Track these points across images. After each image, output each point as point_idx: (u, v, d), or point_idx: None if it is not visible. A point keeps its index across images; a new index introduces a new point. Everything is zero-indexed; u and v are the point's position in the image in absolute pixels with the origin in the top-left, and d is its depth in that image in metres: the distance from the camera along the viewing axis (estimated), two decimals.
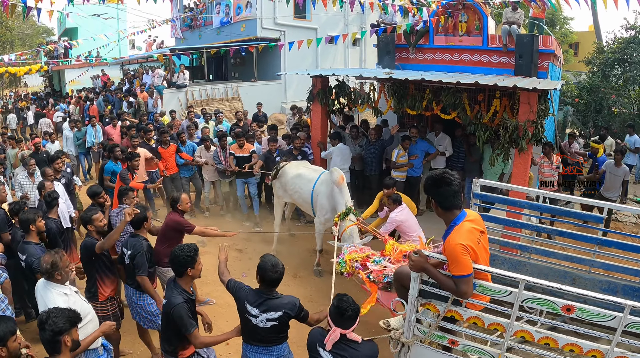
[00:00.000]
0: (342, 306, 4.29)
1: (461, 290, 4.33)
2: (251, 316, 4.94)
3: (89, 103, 23.39)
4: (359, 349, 4.32)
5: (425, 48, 13.02)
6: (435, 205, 4.64)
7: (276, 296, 4.99)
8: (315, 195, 9.54)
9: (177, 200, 7.70)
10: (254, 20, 23.82)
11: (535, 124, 9.14)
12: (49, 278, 5.13)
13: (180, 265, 5.03)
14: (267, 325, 4.91)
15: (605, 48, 23.60)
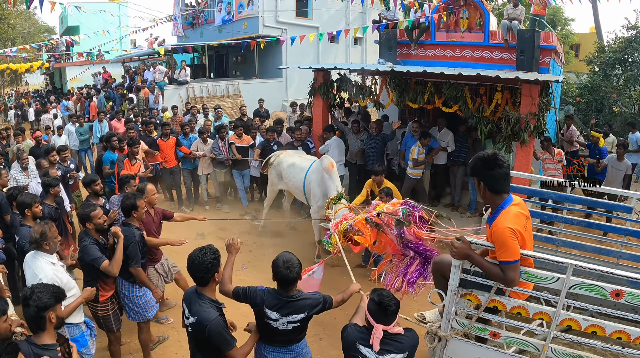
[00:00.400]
0: (384, 302, 4.04)
1: (509, 277, 4.10)
2: (271, 320, 4.50)
3: (89, 100, 23.44)
4: (403, 341, 4.12)
5: (426, 44, 13.06)
6: (483, 188, 4.35)
7: (297, 297, 4.52)
8: (308, 184, 9.66)
9: (142, 191, 7.15)
10: (256, 18, 23.84)
11: (537, 116, 9.13)
12: (38, 248, 5.16)
13: (205, 272, 4.42)
14: (288, 328, 4.51)
15: (606, 48, 23.63)
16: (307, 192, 9.75)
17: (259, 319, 4.67)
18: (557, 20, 31.29)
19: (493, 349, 4.68)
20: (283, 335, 4.58)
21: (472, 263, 4.36)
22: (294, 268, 4.47)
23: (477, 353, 4.67)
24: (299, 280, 4.59)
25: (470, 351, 4.71)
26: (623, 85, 22.13)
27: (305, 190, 9.77)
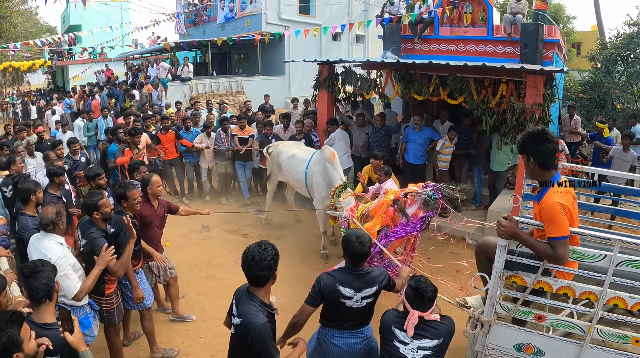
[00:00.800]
0: (421, 287, 4.05)
1: (559, 253, 4.00)
2: (345, 298, 4.42)
3: (91, 98, 23.47)
4: (438, 327, 4.09)
5: (430, 39, 13.10)
6: (533, 163, 4.24)
7: (368, 271, 4.52)
8: (310, 176, 9.59)
9: (147, 182, 6.91)
10: (259, 15, 23.92)
11: (542, 106, 9.17)
12: (53, 229, 5.09)
13: (266, 269, 3.94)
14: (362, 305, 4.46)
15: (608, 44, 23.61)
16: (309, 184, 9.68)
17: (330, 303, 4.52)
18: (559, 18, 31.22)
19: (537, 333, 4.57)
20: (356, 316, 4.54)
21: (520, 243, 4.28)
22: (366, 243, 4.41)
23: (520, 339, 4.59)
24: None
25: (513, 336, 4.62)
26: (625, 82, 22.10)
27: (308, 182, 9.70)
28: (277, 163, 10.58)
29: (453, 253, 9.73)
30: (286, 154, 10.37)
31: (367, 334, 4.73)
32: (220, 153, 12.70)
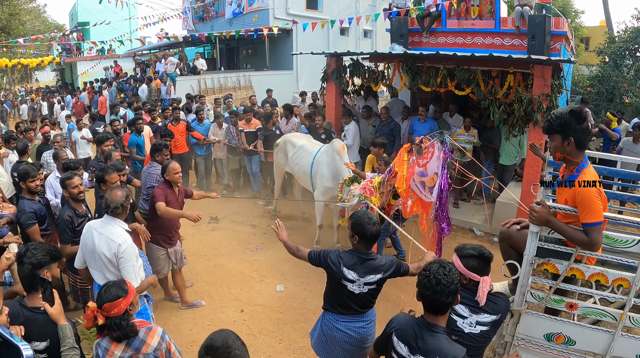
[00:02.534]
0: (484, 252, 3.87)
1: (594, 239, 3.81)
2: (348, 281, 4.39)
3: (98, 94, 23.58)
4: (498, 302, 3.94)
5: (437, 32, 13.08)
6: (572, 143, 3.98)
7: (374, 256, 4.45)
8: (316, 166, 9.48)
9: (164, 168, 7.11)
10: (266, 10, 23.99)
11: (549, 97, 9.18)
12: (121, 214, 5.02)
13: (451, 295, 3.36)
14: (364, 290, 4.42)
15: (617, 38, 23.57)
16: (314, 174, 9.57)
17: (334, 284, 4.53)
18: (567, 13, 31.10)
19: (569, 322, 4.42)
20: (358, 301, 4.49)
21: (552, 229, 4.09)
22: (377, 224, 4.41)
23: (550, 328, 4.43)
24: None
25: (544, 326, 4.45)
26: (634, 76, 22.07)
27: (312, 172, 9.59)
28: (284, 152, 10.48)
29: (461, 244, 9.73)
30: (294, 144, 10.28)
31: (372, 318, 4.70)
32: (232, 147, 12.68)
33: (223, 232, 10.55)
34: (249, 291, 8.12)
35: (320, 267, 4.60)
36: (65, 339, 3.73)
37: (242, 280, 8.47)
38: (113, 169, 6.53)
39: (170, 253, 7.21)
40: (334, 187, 8.94)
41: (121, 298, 3.59)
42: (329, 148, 9.34)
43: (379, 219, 4.47)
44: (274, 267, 8.83)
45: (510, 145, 11.12)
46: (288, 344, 6.73)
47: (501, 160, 11.38)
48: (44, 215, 6.53)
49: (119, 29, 28.37)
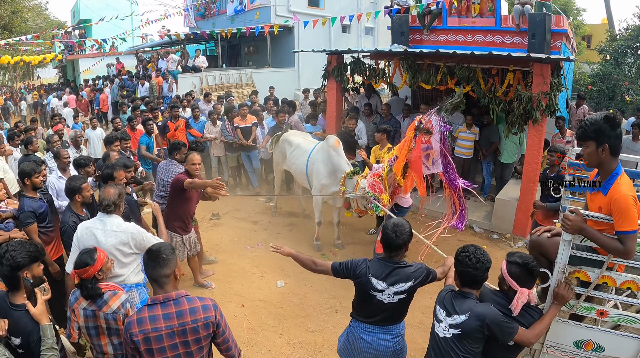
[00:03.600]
0: (529, 263, 3.85)
1: (628, 247, 3.73)
2: (377, 291, 4.29)
3: (99, 92, 23.63)
4: (535, 316, 3.95)
5: (438, 29, 13.12)
6: (607, 150, 3.86)
7: (404, 264, 4.36)
8: (311, 164, 9.38)
9: (185, 158, 7.42)
10: (268, 7, 24.01)
11: (548, 95, 9.22)
12: (114, 211, 5.10)
13: (486, 271, 3.92)
14: (394, 300, 4.31)
15: (618, 36, 23.57)
16: (309, 172, 9.47)
17: (362, 293, 4.42)
18: (569, 10, 31.06)
19: (599, 329, 4.34)
20: (387, 311, 4.37)
21: (585, 237, 4.00)
22: (401, 234, 4.27)
23: (580, 335, 4.35)
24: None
25: (574, 333, 4.37)
26: (635, 74, 22.09)
27: (308, 170, 9.48)
28: (282, 151, 10.43)
29: (460, 241, 9.82)
30: (291, 143, 10.22)
31: (399, 332, 4.57)
32: (229, 144, 12.67)
33: (224, 228, 10.61)
34: (250, 286, 8.19)
35: (347, 278, 4.48)
36: (45, 339, 3.78)
37: (243, 275, 8.55)
38: (121, 166, 6.59)
39: (185, 240, 7.51)
40: (331, 183, 8.89)
41: (88, 266, 4.20)
42: (324, 144, 9.23)
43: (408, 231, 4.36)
44: (274, 263, 8.87)
45: (511, 143, 11.17)
46: (288, 339, 6.79)
47: (501, 158, 11.43)
48: (44, 212, 6.43)
49: (121, 26, 28.44)
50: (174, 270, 3.71)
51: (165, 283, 3.64)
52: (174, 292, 3.64)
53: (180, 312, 3.57)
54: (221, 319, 3.73)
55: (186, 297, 3.66)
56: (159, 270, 3.61)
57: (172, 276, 3.68)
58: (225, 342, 3.79)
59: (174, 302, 3.59)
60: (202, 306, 3.64)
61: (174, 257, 3.74)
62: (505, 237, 10.29)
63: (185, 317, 3.56)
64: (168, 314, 3.55)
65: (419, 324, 7.18)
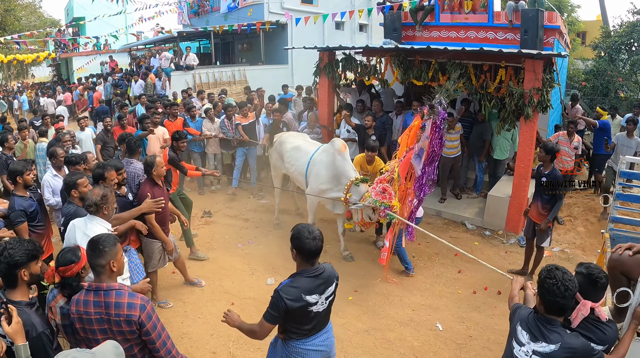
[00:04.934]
0: (594, 273, 3.71)
1: None
2: (312, 306, 4.09)
3: (92, 90, 23.52)
4: (606, 331, 3.77)
5: (431, 26, 13.09)
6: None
7: (322, 268, 4.22)
8: (312, 166, 9.01)
9: (151, 164, 7.01)
10: (261, 4, 24.02)
11: (540, 91, 9.19)
12: (96, 212, 5.02)
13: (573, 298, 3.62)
14: (326, 305, 4.21)
15: (612, 32, 23.54)
16: (308, 174, 9.11)
17: (299, 317, 4.14)
18: (563, 7, 31.06)
19: None
20: (321, 317, 4.27)
21: None
22: (319, 237, 4.11)
23: None
24: None
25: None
26: (629, 70, 22.06)
27: (308, 173, 9.12)
28: (280, 153, 10.03)
29: (452, 238, 9.81)
30: (290, 144, 9.83)
31: (329, 327, 4.52)
32: (226, 142, 12.43)
33: (216, 226, 10.58)
34: (240, 284, 8.16)
35: (283, 317, 4.11)
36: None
37: (233, 273, 8.51)
38: (112, 167, 6.44)
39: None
40: (331, 188, 8.56)
41: (73, 264, 4.16)
42: (329, 147, 8.75)
43: (320, 235, 4.13)
44: (265, 260, 8.87)
45: (503, 139, 11.14)
46: None
47: (494, 154, 11.39)
48: (35, 211, 6.47)
49: (115, 24, 28.37)
50: (110, 262, 3.81)
51: (100, 272, 3.81)
52: (105, 283, 3.79)
53: (107, 303, 3.73)
54: (147, 321, 3.77)
55: (117, 291, 3.77)
56: (95, 259, 3.79)
57: (107, 267, 3.81)
58: (152, 343, 3.85)
59: (104, 292, 3.76)
60: (127, 303, 3.74)
61: (112, 249, 3.85)
62: (497, 233, 10.26)
63: (110, 309, 3.71)
64: (97, 302, 3.74)
65: (409, 321, 7.17)
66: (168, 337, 3.94)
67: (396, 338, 6.79)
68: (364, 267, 8.82)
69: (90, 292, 3.78)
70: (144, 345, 3.90)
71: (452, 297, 7.82)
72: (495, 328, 7.06)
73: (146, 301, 3.82)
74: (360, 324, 7.09)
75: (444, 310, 7.48)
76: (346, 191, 8.05)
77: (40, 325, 3.78)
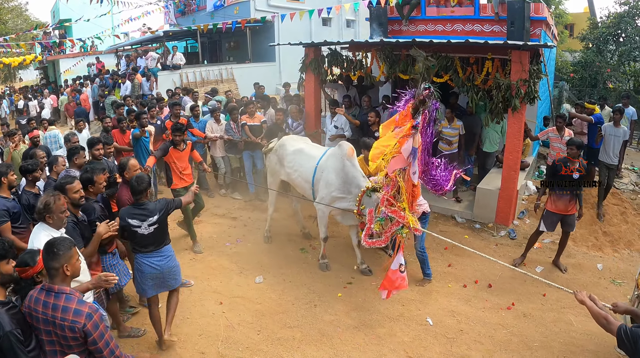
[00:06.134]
0: None
1: None
2: (135, 227, 5.95)
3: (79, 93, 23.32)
4: None
5: (417, 20, 13.01)
6: None
7: (147, 205, 6.04)
8: (320, 172, 8.29)
9: (124, 166, 6.98)
10: (247, 2, 23.95)
11: (527, 82, 9.15)
12: (40, 219, 4.97)
13: None
14: (151, 230, 6.00)
15: (600, 24, 23.60)
16: (316, 181, 8.38)
17: (128, 232, 5.99)
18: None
19: None
20: (151, 240, 6.06)
21: None
22: (142, 182, 5.99)
23: None
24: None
25: None
26: (617, 61, 22.13)
27: (315, 178, 8.39)
28: (280, 157, 9.25)
29: (442, 232, 9.77)
30: (291, 147, 9.09)
31: (169, 253, 6.30)
32: (233, 145, 11.90)
33: (203, 225, 10.47)
34: (228, 283, 8.09)
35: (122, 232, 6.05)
36: None
37: (221, 272, 8.44)
38: (100, 170, 6.23)
39: None
40: (344, 197, 7.92)
41: (28, 267, 4.37)
42: (337, 152, 8.14)
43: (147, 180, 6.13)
44: (253, 259, 8.81)
45: (493, 132, 11.10)
46: (266, 335, 6.69)
47: (484, 147, 11.35)
48: (18, 212, 6.47)
49: (101, 25, 28.18)
50: (64, 266, 3.89)
51: (53, 275, 3.90)
52: (57, 285, 3.88)
53: (55, 305, 3.81)
54: (94, 330, 3.83)
55: (67, 295, 3.86)
56: (49, 262, 3.89)
57: (61, 270, 3.89)
58: (98, 352, 3.92)
59: (55, 294, 3.84)
60: (74, 310, 3.81)
61: (67, 253, 3.93)
62: (487, 226, 10.22)
63: (57, 312, 3.79)
64: (46, 303, 3.83)
65: (399, 317, 7.14)
66: (116, 346, 4.03)
67: (386, 333, 6.74)
68: (351, 263, 8.74)
69: (43, 291, 3.87)
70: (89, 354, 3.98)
71: (442, 291, 7.77)
72: (486, 321, 7.04)
73: (94, 310, 3.88)
74: (349, 320, 7.04)
75: (434, 304, 7.44)
76: (358, 202, 7.57)
77: (9, 325, 3.76)
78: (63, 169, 7.49)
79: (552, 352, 6.39)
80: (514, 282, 7.94)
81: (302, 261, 8.86)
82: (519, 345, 6.54)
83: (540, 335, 6.76)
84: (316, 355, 6.30)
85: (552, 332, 6.84)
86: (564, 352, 6.38)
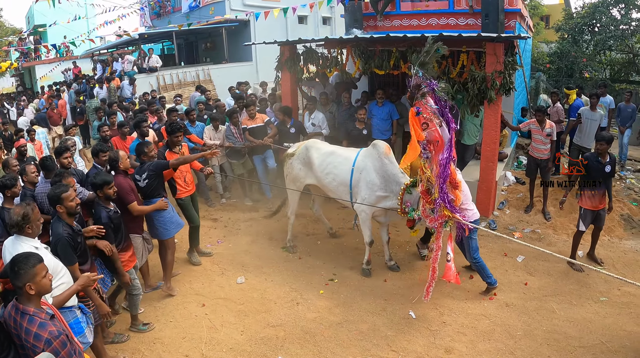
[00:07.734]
0: None
1: None
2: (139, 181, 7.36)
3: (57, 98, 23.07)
4: None
5: (392, 15, 13.01)
6: None
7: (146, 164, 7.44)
8: (358, 173, 8.09)
9: (116, 159, 6.97)
10: (223, 2, 23.86)
11: (502, 74, 9.20)
12: (19, 232, 4.81)
13: None
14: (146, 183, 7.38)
15: (575, 14, 23.81)
16: (354, 183, 8.15)
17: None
18: None
19: None
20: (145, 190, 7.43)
21: None
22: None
23: None
24: None
25: None
26: (593, 51, 22.33)
27: (354, 181, 8.15)
28: (307, 161, 8.87)
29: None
30: (322, 150, 8.80)
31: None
32: (235, 151, 11.37)
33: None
34: (210, 285, 8.05)
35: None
36: None
37: (203, 274, 8.41)
38: (66, 188, 5.63)
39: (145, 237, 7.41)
40: (387, 196, 7.85)
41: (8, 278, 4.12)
42: (373, 151, 8.05)
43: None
44: (234, 260, 8.80)
45: (471, 124, 11.12)
46: (249, 335, 6.67)
47: (463, 139, 11.37)
48: None
49: (77, 30, 27.95)
50: (26, 285, 3.75)
51: (19, 293, 3.81)
52: (23, 305, 3.78)
53: (20, 324, 3.73)
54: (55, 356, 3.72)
55: (30, 316, 3.75)
56: (12, 280, 3.81)
57: (24, 289, 3.76)
58: None
59: (21, 313, 3.75)
60: (34, 333, 3.70)
61: (29, 271, 3.77)
62: None
63: (22, 332, 3.71)
64: (15, 320, 3.75)
65: (382, 311, 7.17)
66: None
67: (369, 329, 6.75)
68: (333, 259, 8.80)
69: (14, 308, 3.79)
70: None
71: (424, 284, 7.77)
72: (469, 312, 7.08)
73: (54, 336, 3.74)
74: (332, 317, 7.04)
75: (416, 297, 7.43)
76: (400, 201, 7.58)
77: None
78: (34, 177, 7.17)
79: (535, 340, 6.43)
80: (495, 272, 7.93)
81: (284, 260, 8.84)
82: (502, 334, 6.58)
83: (523, 324, 6.81)
84: (300, 353, 6.29)
85: (534, 321, 6.89)
86: (547, 340, 6.43)
